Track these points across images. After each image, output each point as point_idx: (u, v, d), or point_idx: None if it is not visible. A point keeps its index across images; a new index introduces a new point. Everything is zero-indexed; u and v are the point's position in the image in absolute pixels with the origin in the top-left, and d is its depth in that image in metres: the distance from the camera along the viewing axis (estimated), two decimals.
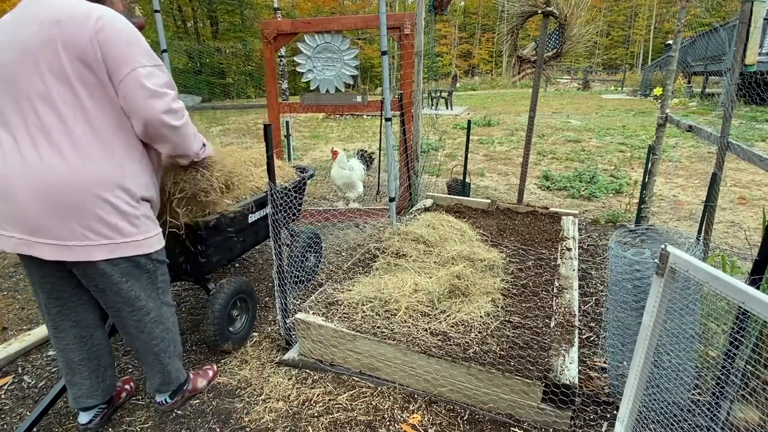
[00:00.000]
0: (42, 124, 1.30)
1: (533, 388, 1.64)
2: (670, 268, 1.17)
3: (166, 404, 1.81)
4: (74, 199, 1.31)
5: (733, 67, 2.19)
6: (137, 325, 1.59)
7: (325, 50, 3.80)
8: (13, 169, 1.30)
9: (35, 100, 1.30)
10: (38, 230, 1.32)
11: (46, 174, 1.29)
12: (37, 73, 1.29)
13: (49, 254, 1.34)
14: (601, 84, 24.15)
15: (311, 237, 2.91)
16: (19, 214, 1.31)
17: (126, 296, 1.51)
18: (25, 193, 1.29)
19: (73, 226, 1.33)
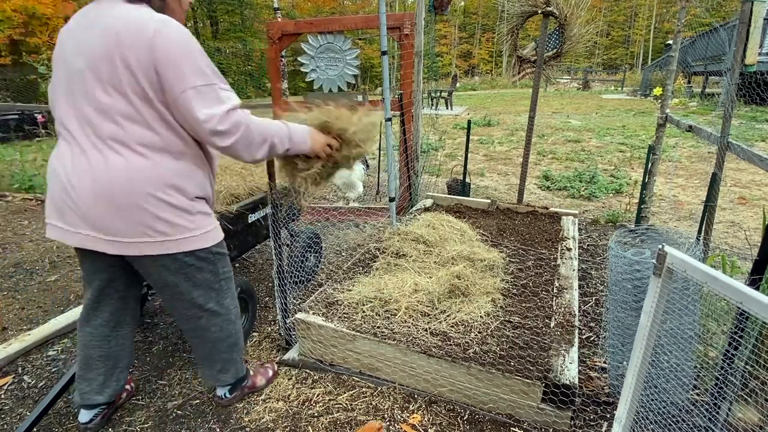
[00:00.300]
0: (102, 131, 1.36)
1: (533, 388, 1.64)
2: (667, 268, 1.17)
3: (225, 399, 1.84)
4: (134, 200, 1.38)
5: (733, 67, 2.19)
6: (194, 313, 1.63)
7: (328, 50, 3.82)
8: (78, 170, 1.38)
9: (98, 110, 1.35)
10: (102, 228, 1.40)
11: (107, 176, 1.36)
12: (101, 86, 1.34)
13: (113, 250, 1.42)
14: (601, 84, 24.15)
15: (311, 237, 2.91)
16: (84, 214, 1.40)
17: (186, 287, 1.57)
18: (89, 194, 1.37)
19: (134, 225, 1.40)
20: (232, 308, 1.73)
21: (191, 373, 2.07)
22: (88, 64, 1.34)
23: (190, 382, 2.01)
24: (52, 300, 2.78)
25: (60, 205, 1.43)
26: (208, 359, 1.75)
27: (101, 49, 1.32)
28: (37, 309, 2.68)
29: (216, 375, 1.78)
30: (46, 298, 2.80)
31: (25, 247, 3.60)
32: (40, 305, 2.72)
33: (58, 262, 3.32)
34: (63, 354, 2.25)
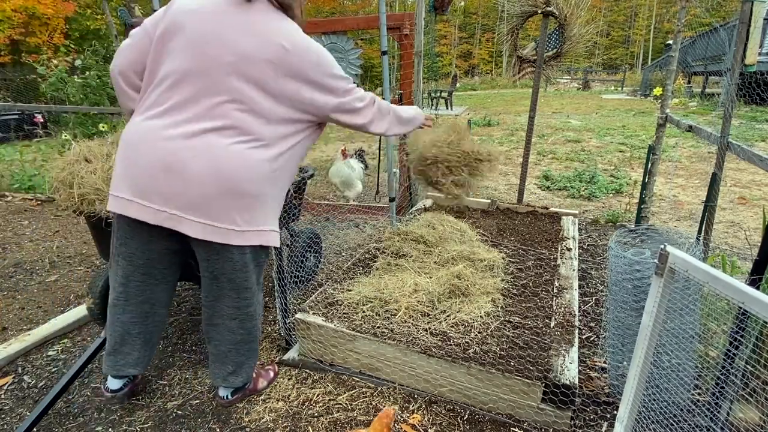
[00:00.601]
0: (228, 118, 1.43)
1: (533, 388, 1.64)
2: (669, 268, 1.17)
3: (227, 400, 1.84)
4: (244, 187, 1.45)
5: (733, 67, 2.19)
6: (233, 313, 1.67)
7: (332, 50, 3.82)
8: (194, 149, 1.40)
9: (231, 100, 1.43)
10: (196, 208, 1.42)
11: (225, 159, 1.41)
12: (245, 81, 1.42)
13: (197, 233, 1.45)
14: (601, 84, 24.16)
15: (311, 237, 2.91)
16: (182, 191, 1.41)
17: (239, 283, 1.62)
18: (200, 171, 1.40)
19: (230, 210, 1.45)
20: (260, 314, 1.78)
21: (191, 373, 2.07)
22: (240, 62, 1.41)
23: (190, 382, 2.01)
24: (52, 300, 2.77)
25: (151, 179, 1.42)
26: (225, 360, 1.75)
27: (263, 57, 1.42)
28: (37, 309, 2.67)
29: (227, 376, 1.77)
30: (46, 298, 2.79)
31: (25, 247, 3.59)
32: (40, 305, 2.72)
33: (58, 262, 3.32)
34: (63, 354, 2.25)
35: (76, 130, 6.38)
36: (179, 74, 1.43)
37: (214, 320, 1.71)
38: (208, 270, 1.60)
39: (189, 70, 1.43)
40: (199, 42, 1.42)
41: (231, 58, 1.41)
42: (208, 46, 1.42)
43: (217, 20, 1.44)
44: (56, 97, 6.51)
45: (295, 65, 1.46)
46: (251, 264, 1.62)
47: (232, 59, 1.41)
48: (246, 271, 1.61)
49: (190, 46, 1.43)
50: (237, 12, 1.45)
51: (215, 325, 1.71)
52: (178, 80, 1.44)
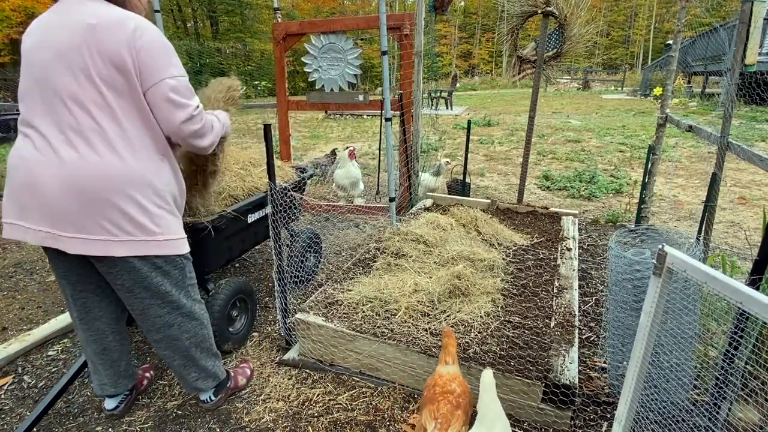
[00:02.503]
0: (73, 123, 1.34)
1: (533, 388, 1.64)
2: (667, 268, 1.17)
3: (210, 402, 1.83)
4: (103, 195, 1.35)
5: (733, 67, 2.19)
6: (167, 321, 1.60)
7: (330, 50, 3.83)
8: (44, 164, 1.34)
9: (67, 99, 1.34)
10: (65, 224, 1.36)
11: (76, 169, 1.34)
12: (71, 74, 1.33)
13: (73, 248, 1.38)
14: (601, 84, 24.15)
15: (311, 237, 2.91)
16: (47, 208, 1.36)
17: (156, 291, 1.54)
18: (55, 186, 1.33)
19: (99, 221, 1.37)
20: (202, 312, 1.71)
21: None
22: (59, 56, 1.33)
23: None
24: (52, 300, 2.78)
25: (21, 201, 1.39)
26: (185, 368, 1.71)
27: (74, 42, 1.31)
28: (37, 309, 2.68)
29: (194, 383, 1.74)
30: (46, 298, 2.80)
31: (25, 247, 3.59)
32: (40, 305, 2.72)
33: None
34: (63, 354, 2.25)
35: None
36: (23, 90, 1.41)
37: (154, 335, 1.63)
38: (117, 284, 1.51)
39: (27, 84, 1.40)
40: (27, 52, 1.40)
41: (48, 55, 1.34)
42: (33, 53, 1.38)
43: (40, 25, 1.41)
44: None
45: (106, 41, 1.32)
46: (159, 270, 1.51)
47: (49, 56, 1.34)
48: (154, 277, 1.51)
49: (25, 59, 1.41)
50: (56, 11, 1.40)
51: (158, 340, 1.64)
52: (22, 96, 1.41)
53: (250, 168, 2.58)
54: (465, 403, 1.43)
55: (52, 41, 1.35)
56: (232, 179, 2.39)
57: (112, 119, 1.36)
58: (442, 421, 1.36)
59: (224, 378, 1.85)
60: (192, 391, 1.78)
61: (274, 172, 2.01)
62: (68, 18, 1.35)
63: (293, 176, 2.78)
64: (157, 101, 1.39)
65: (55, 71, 1.34)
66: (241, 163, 2.56)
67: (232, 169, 2.47)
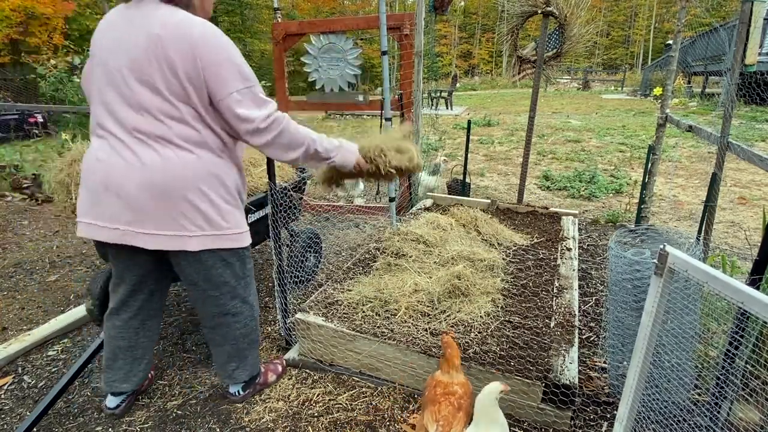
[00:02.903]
0: (145, 127, 1.40)
1: (533, 388, 1.64)
2: (669, 268, 1.17)
3: (238, 396, 1.86)
4: (178, 192, 1.43)
5: (733, 67, 2.19)
6: (222, 311, 1.68)
7: (330, 50, 3.83)
8: (122, 165, 1.41)
9: (137, 105, 1.39)
10: (144, 221, 1.44)
11: (153, 168, 1.40)
12: (139, 82, 1.38)
13: (151, 244, 1.46)
14: (601, 84, 24.15)
15: (311, 237, 2.91)
16: (126, 206, 1.42)
17: (218, 282, 1.62)
18: (133, 185, 1.40)
19: (175, 217, 1.45)
20: (255, 305, 1.80)
21: (191, 373, 2.07)
22: (129, 64, 1.37)
23: (190, 382, 2.01)
24: (52, 300, 2.77)
25: (98, 201, 1.45)
26: (227, 357, 1.77)
27: (143, 53, 1.35)
28: (37, 309, 2.67)
29: (232, 373, 1.80)
30: (46, 298, 2.79)
31: (25, 247, 3.59)
32: (40, 305, 2.72)
33: (58, 262, 3.32)
34: (63, 354, 2.25)
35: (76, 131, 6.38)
36: (95, 93, 1.46)
37: (209, 322, 1.73)
38: (185, 277, 1.62)
39: (100, 87, 1.44)
40: (100, 57, 1.44)
41: (123, 61, 1.38)
42: (107, 58, 1.42)
43: (112, 28, 1.44)
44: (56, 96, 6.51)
45: (172, 52, 1.33)
46: (225, 263, 1.61)
47: (123, 62, 1.38)
48: (220, 270, 1.61)
49: (98, 63, 1.45)
50: (127, 14, 1.42)
51: (211, 328, 1.74)
52: (95, 99, 1.47)
53: (250, 168, 2.58)
54: (467, 404, 1.42)
55: (123, 48, 1.39)
56: None
57: (181, 122, 1.42)
58: (443, 424, 1.35)
59: (256, 373, 1.88)
60: (227, 379, 1.82)
61: (274, 172, 2.01)
62: (143, 23, 1.38)
63: (293, 176, 2.78)
64: (225, 114, 1.44)
65: (124, 77, 1.39)
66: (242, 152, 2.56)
67: None
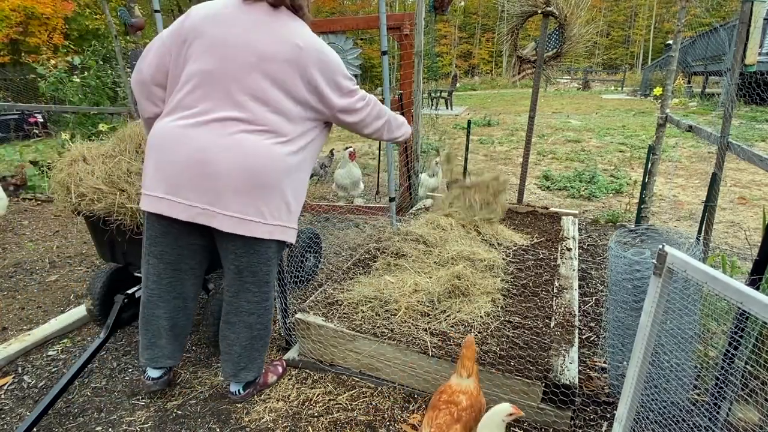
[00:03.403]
0: (251, 117, 1.49)
1: (533, 388, 1.64)
2: (667, 268, 1.17)
3: (238, 395, 1.87)
4: (268, 181, 1.51)
5: (733, 67, 2.19)
6: (251, 308, 1.73)
7: None
8: (221, 146, 1.46)
9: (261, 97, 1.49)
10: (227, 202, 1.48)
11: (252, 154, 1.47)
12: (266, 78, 1.49)
13: (228, 227, 1.50)
14: (601, 84, 24.15)
15: (311, 237, 2.91)
16: (214, 186, 1.47)
17: (260, 277, 1.69)
18: (229, 167, 1.46)
19: (257, 204, 1.51)
20: (272, 308, 1.84)
21: (191, 373, 2.07)
22: (260, 60, 1.47)
23: (190, 382, 2.01)
24: (52, 300, 2.78)
25: (181, 177, 1.48)
26: (239, 357, 1.78)
27: (281, 56, 1.48)
28: (37, 309, 2.68)
29: (238, 372, 1.81)
30: (46, 298, 2.80)
31: (25, 247, 3.59)
32: (40, 305, 2.72)
33: (58, 262, 3.32)
34: (63, 354, 2.25)
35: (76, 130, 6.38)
36: (201, 76, 1.50)
37: (232, 318, 1.75)
38: (234, 263, 1.65)
39: (211, 71, 1.49)
40: (219, 44, 1.49)
41: (252, 58, 1.47)
42: (229, 48, 1.48)
43: (235, 23, 1.50)
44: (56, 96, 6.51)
45: (310, 65, 1.52)
46: (274, 258, 1.70)
47: (252, 59, 1.47)
48: (269, 264, 1.68)
49: (211, 49, 1.49)
50: (252, 14, 1.51)
51: (233, 323, 1.75)
52: (200, 81, 1.50)
53: None
54: (468, 418, 1.39)
55: (255, 46, 1.48)
56: None
57: (292, 122, 1.55)
58: (435, 431, 1.35)
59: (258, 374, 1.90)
60: (232, 377, 1.83)
61: None
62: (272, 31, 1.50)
63: None
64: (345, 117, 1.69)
65: (249, 73, 1.47)
66: None
67: None
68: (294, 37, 1.51)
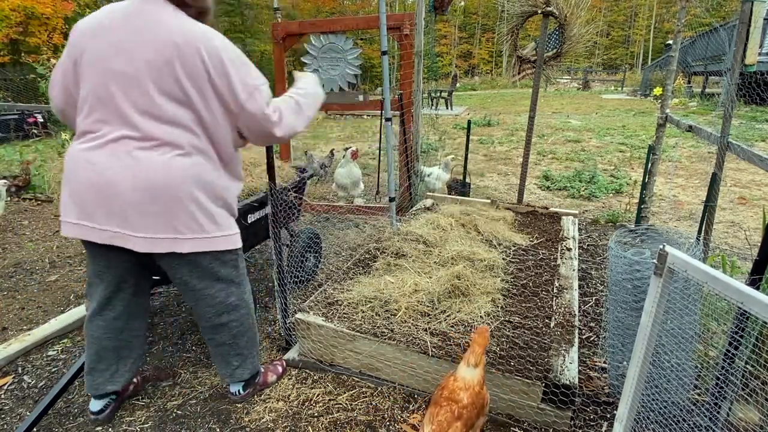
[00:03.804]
0: (147, 130, 1.41)
1: (533, 388, 1.64)
2: (668, 268, 1.17)
3: (238, 395, 1.86)
4: (175, 195, 1.43)
5: (733, 67, 2.19)
6: (218, 310, 1.68)
7: (330, 50, 3.83)
8: (119, 168, 1.40)
9: (140, 107, 1.39)
10: (136, 224, 1.42)
11: (150, 172, 1.40)
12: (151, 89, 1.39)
13: (142, 247, 1.45)
14: (601, 84, 24.15)
15: (311, 237, 2.91)
16: (119, 209, 1.41)
17: (212, 281, 1.63)
18: (128, 187, 1.40)
19: (169, 220, 1.44)
20: (250, 302, 1.80)
21: (191, 373, 2.07)
22: (137, 67, 1.38)
23: (190, 382, 2.01)
24: (52, 300, 2.77)
25: (88, 202, 1.43)
26: (227, 357, 1.77)
27: (160, 58, 1.37)
28: (37, 309, 2.67)
29: (233, 372, 1.80)
30: (46, 298, 2.79)
31: (25, 247, 3.59)
32: (40, 305, 2.72)
33: (58, 262, 3.32)
34: (63, 354, 2.25)
35: None
36: (92, 97, 1.43)
37: (204, 323, 1.72)
38: (175, 278, 1.61)
39: (96, 90, 1.41)
40: (98, 60, 1.41)
41: (130, 69, 1.38)
42: (108, 62, 1.40)
43: (112, 32, 1.41)
44: None
45: (189, 62, 1.39)
46: (215, 264, 1.61)
47: (131, 70, 1.38)
48: (213, 268, 1.61)
49: (91, 68, 1.42)
50: (132, 18, 1.41)
51: (208, 328, 1.73)
52: (93, 103, 1.43)
53: (250, 168, 2.58)
54: (469, 416, 1.38)
55: (131, 51, 1.38)
56: None
57: (184, 129, 1.44)
58: (436, 429, 1.34)
59: (257, 372, 1.89)
60: (229, 378, 1.82)
61: (274, 172, 2.01)
62: (150, 27, 1.39)
63: (293, 176, 2.78)
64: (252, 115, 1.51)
65: (132, 85, 1.39)
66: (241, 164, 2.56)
67: None
68: (173, 34, 1.39)
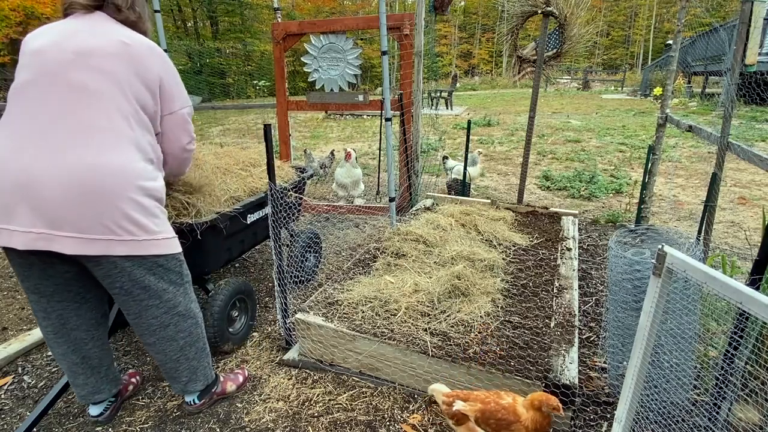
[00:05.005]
0: (80, 123, 1.35)
1: (533, 388, 1.64)
2: (667, 268, 1.17)
3: (194, 405, 1.79)
4: (105, 193, 1.34)
5: (733, 67, 2.19)
6: (164, 321, 1.58)
7: (330, 50, 3.83)
8: (42, 163, 1.31)
9: (77, 101, 1.36)
10: (62, 223, 1.31)
11: (80, 168, 1.32)
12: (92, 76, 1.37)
13: (71, 248, 1.33)
14: (601, 84, 24.14)
15: (311, 237, 2.91)
16: (43, 208, 1.30)
17: (154, 290, 1.52)
18: (53, 184, 1.30)
19: (102, 220, 1.34)
20: (197, 311, 1.70)
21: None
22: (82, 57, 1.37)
23: None
24: None
25: (6, 203, 1.30)
26: (177, 369, 1.68)
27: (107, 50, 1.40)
28: None
29: (185, 385, 1.73)
30: None
31: None
32: None
33: None
34: None
35: None
36: (20, 87, 1.39)
37: (149, 338, 1.60)
38: (115, 287, 1.47)
39: (27, 80, 1.38)
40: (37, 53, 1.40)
41: (68, 56, 1.36)
42: (46, 52, 1.39)
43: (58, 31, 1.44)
44: None
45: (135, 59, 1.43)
46: (155, 271, 1.51)
47: (69, 57, 1.36)
48: (154, 276, 1.51)
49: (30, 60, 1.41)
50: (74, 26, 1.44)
51: (152, 343, 1.61)
52: (18, 93, 1.39)
53: (250, 168, 2.58)
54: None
55: (76, 44, 1.39)
56: (233, 180, 2.38)
57: (124, 124, 1.41)
58: None
59: (212, 381, 1.82)
60: (181, 391, 1.76)
61: (274, 172, 2.01)
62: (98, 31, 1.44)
63: (293, 176, 2.78)
64: (173, 126, 1.58)
65: (73, 70, 1.36)
66: (241, 164, 2.56)
67: (232, 169, 2.46)
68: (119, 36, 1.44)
